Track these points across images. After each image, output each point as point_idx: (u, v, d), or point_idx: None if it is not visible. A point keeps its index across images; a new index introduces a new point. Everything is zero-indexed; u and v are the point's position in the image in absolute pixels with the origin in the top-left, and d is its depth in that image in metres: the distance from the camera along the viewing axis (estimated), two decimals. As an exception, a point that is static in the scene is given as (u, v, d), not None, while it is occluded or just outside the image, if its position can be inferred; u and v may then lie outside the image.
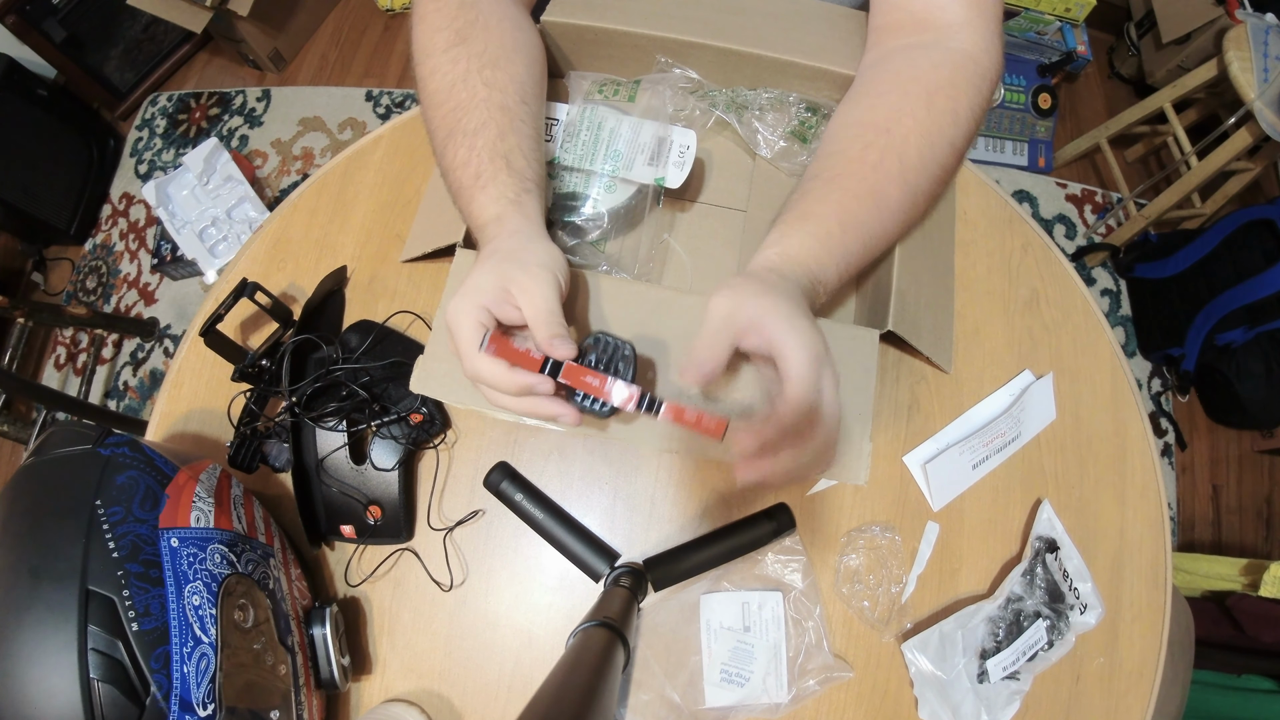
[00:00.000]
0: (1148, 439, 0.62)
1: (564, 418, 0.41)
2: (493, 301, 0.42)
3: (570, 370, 0.40)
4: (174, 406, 0.63)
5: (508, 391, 0.41)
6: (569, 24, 0.58)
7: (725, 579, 0.56)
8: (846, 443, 0.49)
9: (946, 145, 0.47)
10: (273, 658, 0.45)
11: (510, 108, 0.50)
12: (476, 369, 0.41)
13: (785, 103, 0.60)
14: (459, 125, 0.49)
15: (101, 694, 0.36)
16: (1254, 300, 1.35)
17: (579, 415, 0.42)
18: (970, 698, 0.54)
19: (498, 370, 0.40)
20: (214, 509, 0.46)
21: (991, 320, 0.64)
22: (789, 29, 0.58)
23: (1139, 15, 1.76)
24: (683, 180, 0.56)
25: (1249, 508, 1.53)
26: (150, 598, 0.39)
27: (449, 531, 0.58)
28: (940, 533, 0.58)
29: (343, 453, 0.56)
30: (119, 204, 1.76)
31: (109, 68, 1.78)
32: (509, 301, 0.42)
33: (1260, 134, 1.27)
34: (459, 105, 0.49)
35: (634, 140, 0.56)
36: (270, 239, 0.67)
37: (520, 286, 0.42)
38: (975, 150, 1.70)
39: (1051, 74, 1.73)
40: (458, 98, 0.49)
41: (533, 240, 0.45)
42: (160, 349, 1.60)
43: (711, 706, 0.53)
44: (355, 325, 0.60)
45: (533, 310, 0.41)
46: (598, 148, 0.57)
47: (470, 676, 0.56)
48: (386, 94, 1.79)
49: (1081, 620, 0.56)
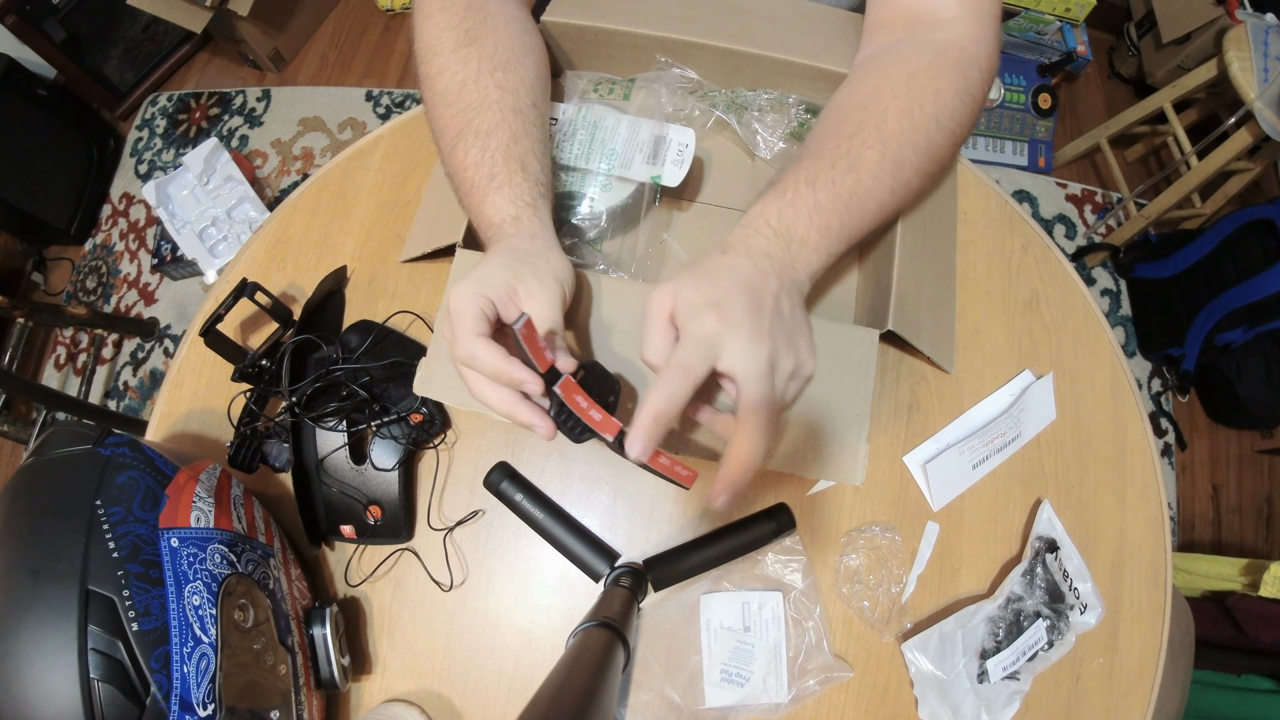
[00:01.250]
0: (1148, 439, 0.62)
1: (539, 429, 0.40)
2: (499, 297, 0.41)
3: (568, 385, 0.40)
4: (174, 406, 0.63)
5: (496, 378, 0.40)
6: (569, 24, 0.58)
7: (725, 579, 0.56)
8: (843, 443, 0.49)
9: (929, 119, 0.47)
10: (273, 658, 0.45)
11: (522, 111, 0.50)
12: (472, 352, 0.40)
13: (784, 104, 0.60)
14: (470, 125, 0.49)
15: (101, 694, 0.36)
16: (1254, 300, 1.35)
17: (555, 430, 0.41)
18: (970, 698, 0.54)
19: (495, 357, 0.39)
20: (214, 509, 0.46)
21: (991, 320, 0.64)
22: (789, 30, 0.58)
23: (1139, 15, 1.76)
24: (681, 179, 0.56)
25: (1249, 508, 1.53)
26: (150, 598, 0.39)
27: (449, 531, 0.58)
28: (940, 533, 0.58)
29: (343, 453, 0.56)
30: (119, 204, 1.76)
31: (109, 68, 1.78)
32: (514, 301, 0.42)
33: (1260, 134, 1.27)
34: (470, 105, 0.49)
35: (631, 139, 0.56)
36: (270, 239, 0.67)
37: (529, 291, 0.42)
38: (975, 150, 1.70)
39: (1051, 74, 1.73)
40: (468, 98, 0.49)
41: (549, 249, 0.46)
42: (160, 349, 1.60)
43: (711, 706, 0.53)
44: (355, 325, 0.60)
45: (538, 318, 0.41)
46: (594, 146, 0.57)
47: (470, 676, 0.56)
48: (386, 94, 1.79)
49: (1081, 620, 0.56)
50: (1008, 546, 0.59)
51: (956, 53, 0.49)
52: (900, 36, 0.52)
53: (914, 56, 0.49)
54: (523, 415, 0.40)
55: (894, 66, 0.49)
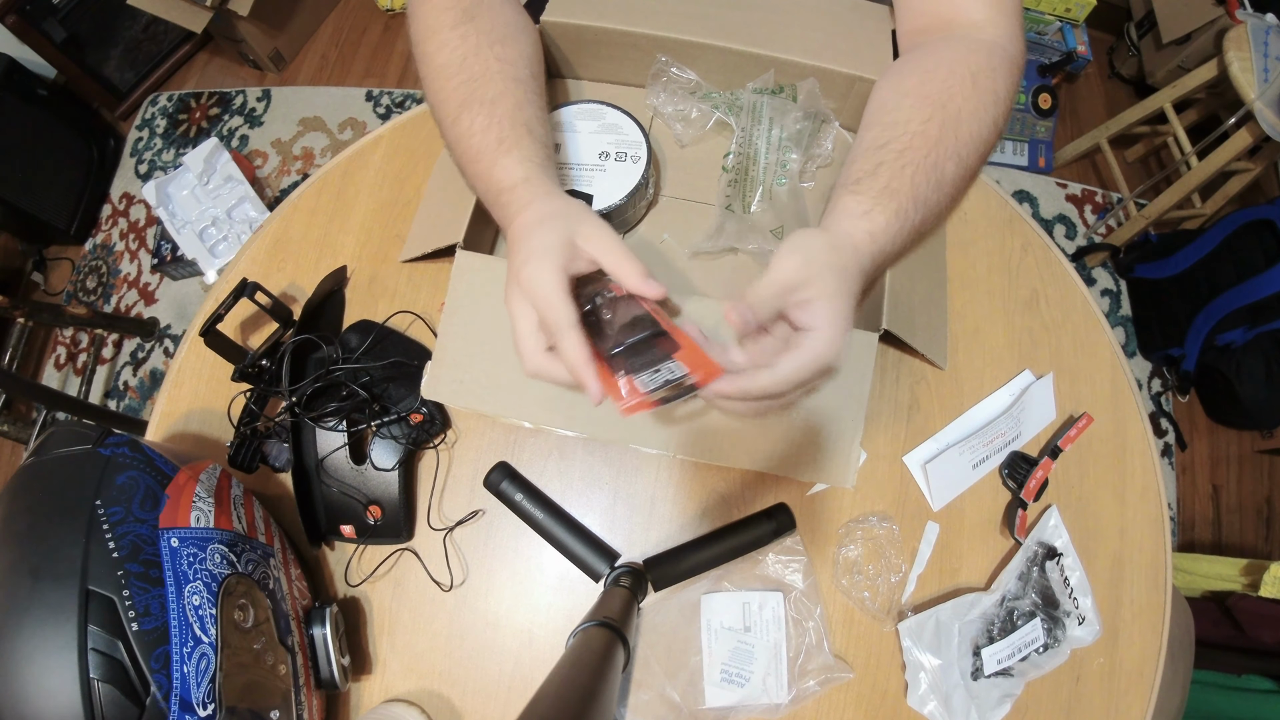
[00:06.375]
0: (1148, 439, 0.62)
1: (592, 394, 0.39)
2: (566, 259, 0.42)
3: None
4: (174, 406, 0.63)
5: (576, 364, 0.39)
6: (568, 24, 0.58)
7: (726, 579, 0.56)
8: (837, 446, 0.49)
9: (990, 123, 0.48)
10: (273, 658, 0.45)
11: (524, 80, 0.51)
12: (572, 342, 0.39)
13: (785, 108, 0.60)
14: (474, 95, 0.49)
15: (101, 694, 0.36)
16: (1254, 300, 1.35)
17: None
18: (961, 692, 0.54)
19: (582, 353, 0.39)
20: (214, 509, 0.46)
21: (991, 320, 0.64)
22: (789, 25, 0.58)
23: (1139, 15, 1.76)
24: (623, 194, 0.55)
25: (1249, 508, 1.53)
26: (150, 598, 0.39)
27: (449, 531, 0.58)
28: (940, 533, 0.58)
29: (343, 453, 0.56)
30: (119, 204, 1.76)
31: (109, 68, 1.78)
32: (579, 255, 0.42)
33: (1260, 134, 1.27)
34: (473, 76, 0.50)
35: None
36: (270, 239, 0.67)
37: (586, 236, 0.42)
38: (975, 150, 1.70)
39: (1052, 74, 1.73)
40: (471, 69, 0.50)
41: (570, 200, 0.46)
42: (160, 349, 1.60)
43: (711, 706, 0.53)
44: (355, 325, 0.60)
45: (612, 256, 0.42)
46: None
47: (470, 676, 0.56)
48: (386, 94, 1.79)
49: (1078, 634, 0.56)
50: (1008, 546, 0.59)
51: (1001, 53, 0.50)
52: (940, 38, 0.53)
53: (970, 56, 0.50)
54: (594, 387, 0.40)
55: (956, 62, 0.50)
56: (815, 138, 0.60)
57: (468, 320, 0.51)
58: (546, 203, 0.45)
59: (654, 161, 0.58)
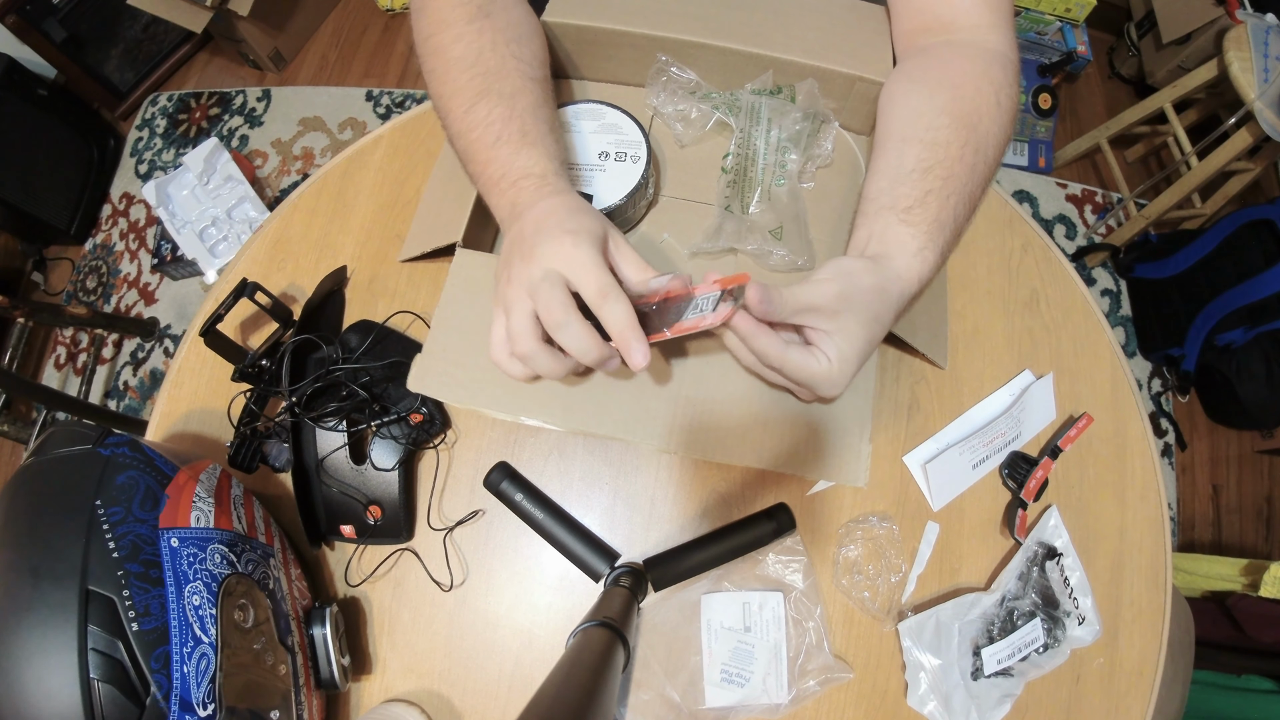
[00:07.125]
0: (1148, 439, 0.62)
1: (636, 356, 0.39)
2: (601, 248, 0.42)
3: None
4: (174, 406, 0.63)
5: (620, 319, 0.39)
6: (568, 24, 0.58)
7: (726, 579, 0.56)
8: (845, 444, 0.49)
9: (1004, 143, 0.50)
10: (273, 658, 0.45)
11: (540, 81, 0.51)
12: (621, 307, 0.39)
13: (784, 109, 0.60)
14: (492, 88, 0.49)
15: (101, 694, 0.36)
16: (1254, 300, 1.35)
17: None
18: (961, 692, 0.54)
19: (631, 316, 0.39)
20: (214, 509, 0.46)
21: (991, 320, 0.64)
22: (788, 25, 0.58)
23: (1139, 15, 1.76)
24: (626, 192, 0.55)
25: (1249, 508, 1.53)
26: (150, 598, 0.39)
27: (449, 531, 0.58)
28: (940, 533, 0.58)
29: (343, 453, 0.56)
30: (119, 204, 1.76)
31: (109, 68, 1.78)
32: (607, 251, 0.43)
33: (1260, 134, 1.27)
34: (490, 70, 0.49)
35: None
36: (270, 239, 0.67)
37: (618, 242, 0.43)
38: (975, 150, 1.70)
39: (1052, 74, 1.73)
40: (488, 63, 0.50)
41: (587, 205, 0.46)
42: (160, 349, 1.60)
43: (711, 706, 0.53)
44: (355, 325, 0.60)
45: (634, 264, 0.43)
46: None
47: (470, 676, 0.56)
48: (386, 94, 1.79)
49: (1078, 634, 0.56)
50: (1008, 546, 0.59)
51: (1010, 65, 0.51)
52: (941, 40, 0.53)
53: (988, 70, 0.50)
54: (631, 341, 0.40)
55: (980, 78, 0.50)
56: (814, 138, 0.60)
57: (462, 316, 0.51)
58: (571, 197, 0.45)
59: (654, 161, 0.58)
